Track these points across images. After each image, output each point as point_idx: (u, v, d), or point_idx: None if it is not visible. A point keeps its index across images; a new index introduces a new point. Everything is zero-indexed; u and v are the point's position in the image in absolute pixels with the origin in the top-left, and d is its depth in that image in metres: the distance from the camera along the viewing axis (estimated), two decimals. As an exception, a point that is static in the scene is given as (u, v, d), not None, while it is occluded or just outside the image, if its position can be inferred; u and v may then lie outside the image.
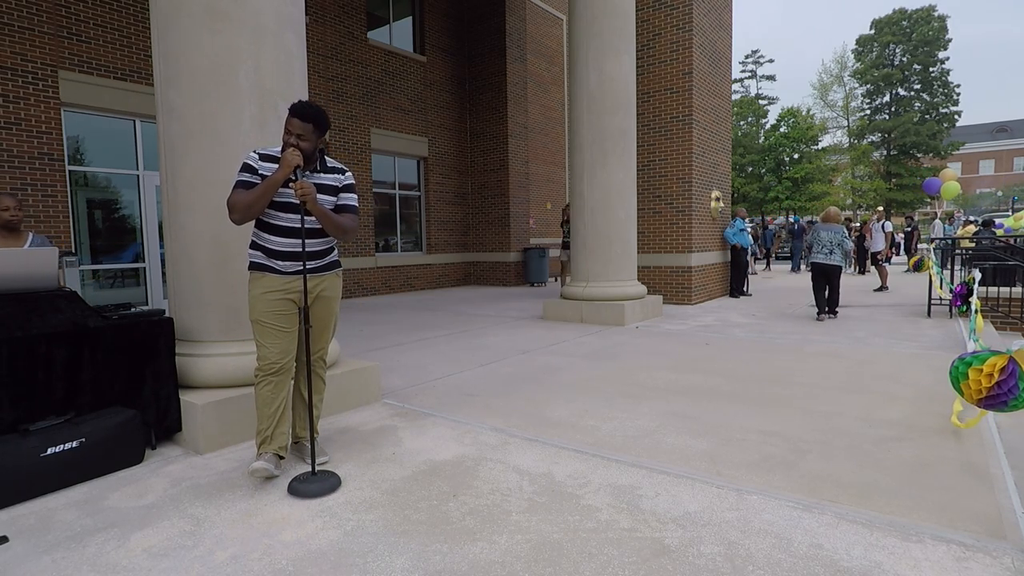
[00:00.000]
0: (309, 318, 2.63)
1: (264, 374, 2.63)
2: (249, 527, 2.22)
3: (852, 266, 15.88)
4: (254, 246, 2.67)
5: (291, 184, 2.54)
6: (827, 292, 7.37)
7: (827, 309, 7.39)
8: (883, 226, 11.95)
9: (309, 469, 2.66)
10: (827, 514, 2.23)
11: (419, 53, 12.58)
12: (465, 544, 2.06)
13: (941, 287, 7.18)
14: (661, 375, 4.56)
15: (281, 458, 2.67)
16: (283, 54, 3.38)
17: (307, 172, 2.67)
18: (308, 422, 2.88)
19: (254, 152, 2.65)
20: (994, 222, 13.49)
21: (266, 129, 3.28)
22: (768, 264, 19.30)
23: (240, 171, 2.62)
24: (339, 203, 2.74)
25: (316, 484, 2.50)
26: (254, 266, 2.68)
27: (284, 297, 2.65)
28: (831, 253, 7.32)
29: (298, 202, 2.55)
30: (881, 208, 10.86)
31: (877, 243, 11.94)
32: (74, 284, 5.98)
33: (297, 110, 2.57)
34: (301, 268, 2.63)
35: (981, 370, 2.07)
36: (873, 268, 15.46)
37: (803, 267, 16.80)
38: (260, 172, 2.59)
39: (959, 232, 13.37)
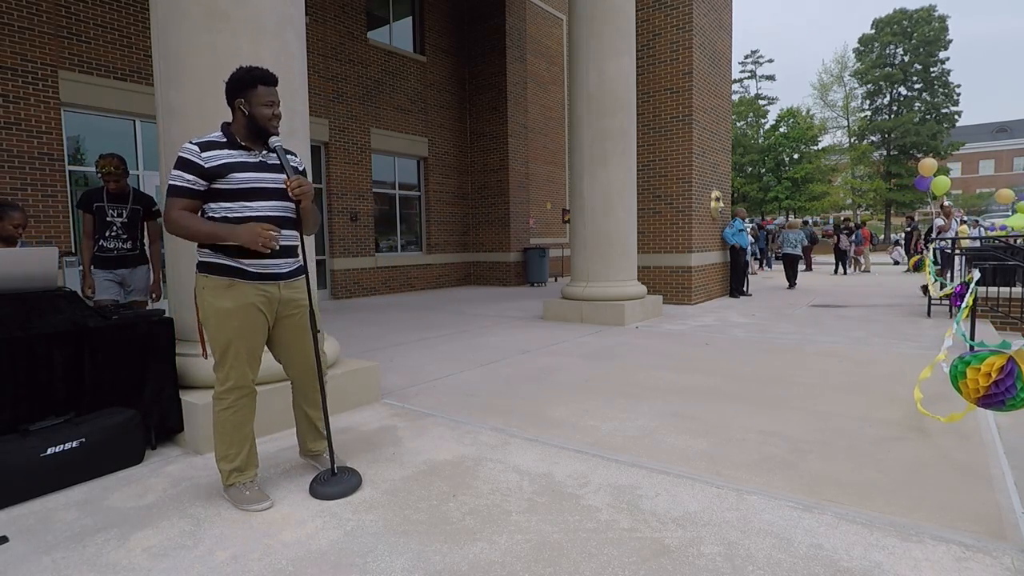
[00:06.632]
0: (316, 323, 2.40)
1: (235, 397, 2.29)
2: (249, 527, 2.22)
3: (851, 266, 16.16)
4: (212, 245, 2.22)
5: (287, 182, 2.24)
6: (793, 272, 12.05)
7: (793, 283, 11.91)
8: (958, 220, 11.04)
9: (326, 471, 2.57)
10: (827, 514, 2.23)
11: (419, 53, 12.58)
12: (465, 544, 2.06)
13: (939, 289, 7.20)
14: (661, 375, 4.56)
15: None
16: (283, 54, 3.38)
17: (263, 152, 2.30)
18: (318, 434, 2.71)
19: (193, 143, 2.19)
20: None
21: (266, 129, 3.28)
22: (762, 264, 19.34)
23: (177, 167, 2.13)
24: None
25: (339, 486, 2.45)
26: (215, 268, 2.22)
27: (260, 310, 2.28)
28: (796, 247, 12.07)
29: (272, 187, 2.26)
30: (944, 205, 10.46)
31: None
32: (74, 284, 5.99)
33: (262, 76, 2.21)
34: (275, 271, 2.31)
35: (979, 369, 2.07)
36: (865, 268, 15.90)
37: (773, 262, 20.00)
38: (206, 167, 2.16)
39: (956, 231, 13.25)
